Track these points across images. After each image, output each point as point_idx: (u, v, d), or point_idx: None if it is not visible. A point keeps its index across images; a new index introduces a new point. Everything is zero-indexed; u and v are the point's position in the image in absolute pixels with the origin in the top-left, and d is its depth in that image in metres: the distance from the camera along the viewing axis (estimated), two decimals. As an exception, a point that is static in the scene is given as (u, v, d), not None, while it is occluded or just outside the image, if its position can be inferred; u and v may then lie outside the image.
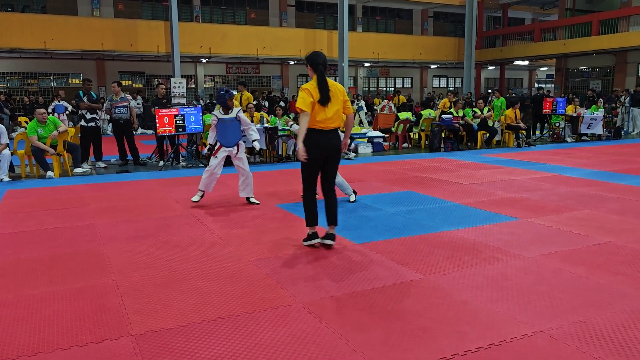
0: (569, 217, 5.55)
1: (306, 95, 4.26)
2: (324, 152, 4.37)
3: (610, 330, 2.95)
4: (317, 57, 4.39)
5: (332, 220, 4.57)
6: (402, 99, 20.31)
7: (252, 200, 6.53)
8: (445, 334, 2.91)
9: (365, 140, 12.67)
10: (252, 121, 10.77)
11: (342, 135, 4.76)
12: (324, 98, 4.28)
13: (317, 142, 4.33)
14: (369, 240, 4.77)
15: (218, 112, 6.48)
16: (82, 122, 9.79)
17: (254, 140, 6.62)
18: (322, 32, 24.64)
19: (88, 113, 9.73)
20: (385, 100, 17.54)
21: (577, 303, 3.32)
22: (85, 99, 9.71)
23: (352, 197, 6.51)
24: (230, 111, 6.43)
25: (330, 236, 4.56)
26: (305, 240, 4.64)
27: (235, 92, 11.37)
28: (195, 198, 6.45)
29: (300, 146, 4.26)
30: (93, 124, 9.82)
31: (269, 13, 25.34)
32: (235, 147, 6.45)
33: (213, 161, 6.43)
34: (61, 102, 15.99)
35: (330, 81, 4.41)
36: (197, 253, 4.46)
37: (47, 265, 4.19)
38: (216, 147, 6.44)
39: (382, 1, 26.55)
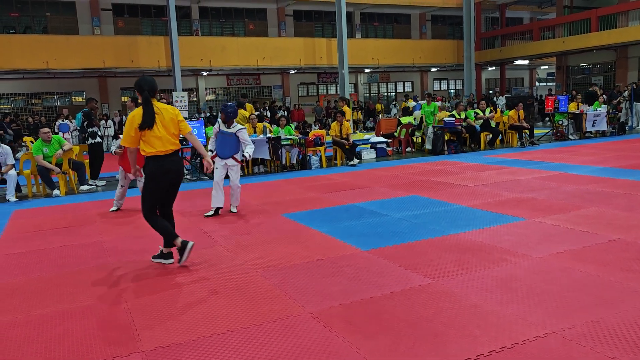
0: (577, 215, 5.52)
1: (129, 128, 4.29)
2: (167, 176, 4.38)
3: (624, 328, 2.92)
4: (143, 83, 4.34)
5: (173, 239, 4.51)
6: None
7: (233, 209, 6.74)
8: (456, 339, 2.89)
9: (369, 146, 12.68)
10: (255, 132, 10.81)
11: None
12: (149, 123, 4.24)
13: (160, 167, 4.32)
14: (375, 246, 4.76)
15: (221, 123, 6.60)
16: (96, 140, 9.91)
17: (246, 152, 6.75)
18: (321, 40, 24.73)
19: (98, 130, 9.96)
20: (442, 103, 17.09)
21: (589, 302, 3.29)
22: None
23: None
24: (232, 126, 6.57)
25: (185, 243, 4.45)
26: (156, 257, 4.64)
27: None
28: (209, 213, 6.60)
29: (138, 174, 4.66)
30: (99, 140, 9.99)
31: (267, 24, 25.47)
32: (231, 159, 6.64)
33: (215, 174, 6.54)
34: (64, 121, 16.11)
35: (160, 105, 4.40)
36: (204, 266, 4.46)
37: (56, 284, 4.20)
38: (211, 155, 6.62)
39: (380, 7, 26.63)
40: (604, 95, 16.42)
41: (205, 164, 4.72)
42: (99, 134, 10.08)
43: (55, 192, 8.72)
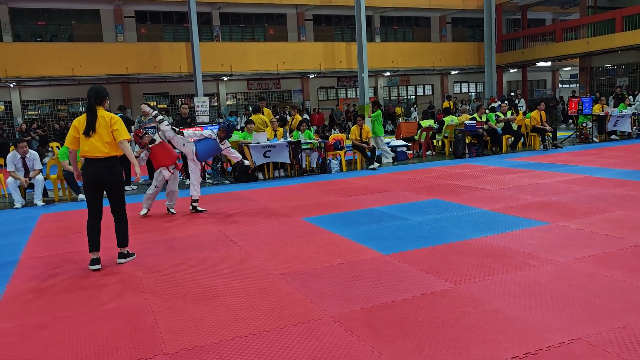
0: (602, 219, 5.42)
1: (71, 131, 4.72)
2: (92, 179, 4.71)
3: (651, 334, 2.86)
4: (89, 92, 4.75)
5: (119, 243, 4.94)
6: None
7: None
8: (478, 344, 2.87)
9: (389, 149, 12.65)
10: (275, 135, 10.88)
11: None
12: (87, 129, 4.63)
13: (86, 170, 4.71)
14: (396, 250, 4.75)
15: (212, 132, 7.38)
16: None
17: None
18: (340, 45, 24.79)
19: None
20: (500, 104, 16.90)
21: (615, 308, 3.23)
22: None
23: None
24: (223, 142, 7.33)
25: (120, 255, 4.91)
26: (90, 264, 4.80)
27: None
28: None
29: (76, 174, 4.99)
30: None
31: (287, 29, 25.63)
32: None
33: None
34: None
35: (101, 112, 4.72)
36: (226, 269, 4.51)
37: (82, 286, 4.29)
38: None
39: (399, 10, 26.58)
40: (630, 97, 16.10)
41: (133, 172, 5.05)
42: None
43: (81, 196, 8.90)
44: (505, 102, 13.88)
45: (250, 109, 12.33)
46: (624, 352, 2.69)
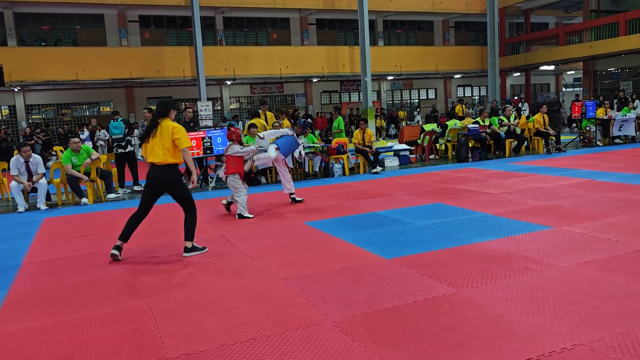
0: (605, 224, 5.39)
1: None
2: (151, 181, 5.12)
3: (655, 340, 2.84)
4: (157, 105, 5.26)
5: (185, 237, 5.22)
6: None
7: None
8: (480, 349, 2.85)
9: (392, 153, 12.64)
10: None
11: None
12: (143, 137, 5.10)
13: (148, 172, 5.13)
14: (399, 255, 4.74)
15: (291, 131, 7.81)
16: (128, 148, 10.24)
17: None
18: (343, 48, 24.82)
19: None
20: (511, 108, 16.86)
21: (618, 313, 3.21)
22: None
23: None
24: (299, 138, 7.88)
25: (185, 249, 5.17)
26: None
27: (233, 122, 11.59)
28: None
29: None
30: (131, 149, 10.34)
31: (290, 33, 25.69)
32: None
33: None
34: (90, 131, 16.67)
35: (165, 123, 5.06)
36: (227, 274, 4.50)
37: (84, 290, 4.29)
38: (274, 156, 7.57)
39: (402, 14, 26.61)
40: (637, 101, 16.06)
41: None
42: (132, 142, 10.39)
43: (84, 200, 8.93)
44: (508, 106, 13.82)
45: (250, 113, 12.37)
46: (627, 358, 2.67)
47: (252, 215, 7.00)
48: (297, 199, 7.86)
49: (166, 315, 3.62)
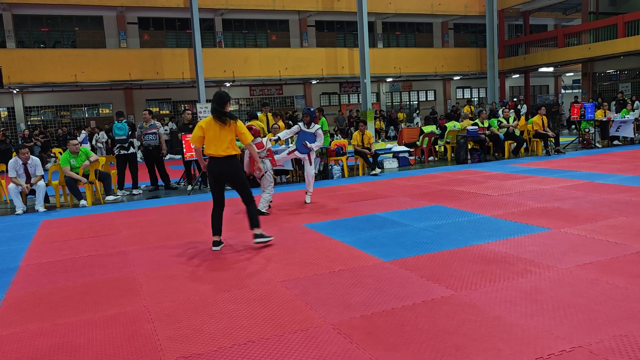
0: (604, 226, 5.39)
1: (197, 131, 5.23)
2: (217, 175, 5.28)
3: (654, 343, 2.83)
4: (213, 96, 5.29)
5: (251, 226, 5.39)
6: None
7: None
8: (479, 352, 2.84)
9: (391, 155, 12.64)
10: (277, 142, 10.86)
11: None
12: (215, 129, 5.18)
13: (211, 167, 5.29)
14: (397, 257, 4.73)
15: (302, 124, 7.78)
16: (131, 150, 10.23)
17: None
18: (342, 50, 24.84)
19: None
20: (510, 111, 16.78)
21: (617, 315, 3.20)
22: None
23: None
24: (311, 127, 7.71)
25: (255, 235, 5.38)
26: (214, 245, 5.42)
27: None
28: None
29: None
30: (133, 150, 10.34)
31: (289, 34, 25.71)
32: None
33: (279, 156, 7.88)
34: (88, 133, 16.72)
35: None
36: (226, 276, 4.49)
37: (81, 293, 4.28)
38: (289, 151, 7.96)
39: (402, 16, 26.64)
40: (636, 102, 16.08)
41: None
42: (136, 144, 10.40)
43: (82, 202, 8.92)
44: (506, 108, 13.82)
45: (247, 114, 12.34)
46: (626, 361, 2.66)
47: (268, 213, 7.23)
48: (307, 200, 7.94)
49: (164, 318, 3.61)
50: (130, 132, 10.30)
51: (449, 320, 3.28)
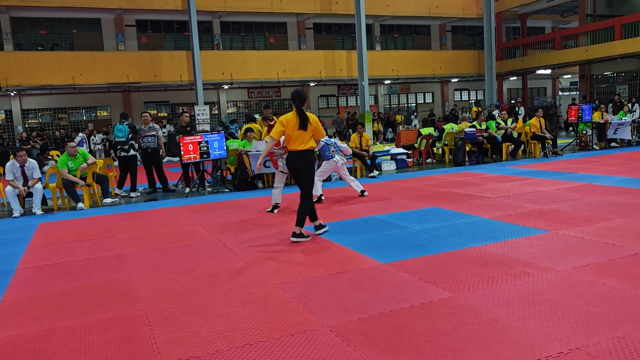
0: (602, 227, 5.40)
1: (278, 125, 5.57)
2: (294, 167, 5.67)
3: (651, 345, 2.83)
4: (292, 94, 5.61)
5: (296, 222, 5.64)
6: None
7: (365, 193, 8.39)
8: (477, 354, 2.84)
9: (389, 157, 12.64)
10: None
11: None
12: (302, 126, 5.49)
13: (290, 160, 5.69)
14: (395, 259, 4.72)
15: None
16: (134, 152, 10.22)
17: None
18: (340, 53, 24.87)
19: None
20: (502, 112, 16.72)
21: (615, 317, 3.20)
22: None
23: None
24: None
25: (293, 234, 5.64)
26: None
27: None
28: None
29: (260, 161, 6.05)
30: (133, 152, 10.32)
31: (287, 37, 25.73)
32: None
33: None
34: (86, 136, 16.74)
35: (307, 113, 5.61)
36: (223, 279, 4.48)
37: (78, 296, 4.26)
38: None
39: (399, 19, 26.69)
40: (629, 105, 16.11)
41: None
42: (136, 146, 10.37)
43: (80, 205, 8.90)
44: (498, 110, 13.87)
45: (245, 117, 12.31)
46: (624, 363, 2.66)
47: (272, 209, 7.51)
48: (365, 193, 8.43)
49: (161, 321, 3.60)
50: (130, 135, 10.29)
51: (447, 322, 3.28)
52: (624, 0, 26.05)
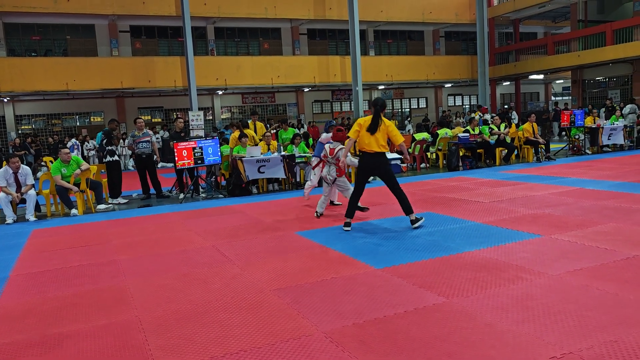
0: (594, 232, 5.43)
1: (355, 126, 6.13)
2: (368, 167, 6.22)
3: (643, 348, 2.85)
4: (375, 101, 6.22)
5: (405, 212, 6.19)
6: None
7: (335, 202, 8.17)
8: (471, 359, 2.85)
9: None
10: (269, 149, 10.87)
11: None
12: (371, 128, 6.02)
13: (364, 160, 6.19)
14: (389, 264, 4.73)
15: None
16: (114, 158, 10.10)
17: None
18: (334, 58, 24.94)
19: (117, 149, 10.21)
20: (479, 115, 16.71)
21: (607, 321, 3.23)
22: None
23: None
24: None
25: (411, 222, 6.18)
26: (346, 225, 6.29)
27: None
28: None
29: (343, 159, 6.47)
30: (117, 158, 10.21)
31: (281, 42, 25.79)
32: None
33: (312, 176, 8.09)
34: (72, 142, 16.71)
35: (383, 118, 6.11)
36: (218, 285, 4.48)
37: (72, 303, 4.24)
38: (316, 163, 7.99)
39: (393, 24, 26.82)
40: (621, 110, 16.25)
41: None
42: (117, 152, 10.30)
43: (73, 211, 8.86)
44: (489, 115, 13.94)
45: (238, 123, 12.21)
46: (616, 367, 2.67)
47: (368, 208, 7.38)
48: (336, 202, 8.21)
49: (155, 328, 3.59)
50: (104, 141, 10.15)
51: (441, 327, 3.29)
52: (615, 6, 26.32)
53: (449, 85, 29.68)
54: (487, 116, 16.59)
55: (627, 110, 17.23)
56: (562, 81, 33.06)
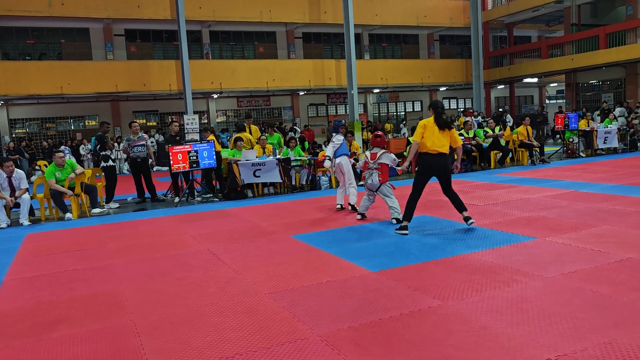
0: (588, 234, 5.46)
1: (419, 128, 6.24)
2: (432, 167, 6.26)
3: (638, 350, 2.87)
4: (434, 103, 6.36)
5: (459, 210, 6.22)
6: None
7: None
8: (466, 362, 2.85)
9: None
10: (264, 152, 10.88)
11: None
12: (441, 128, 6.13)
13: (427, 160, 6.26)
14: (385, 267, 4.74)
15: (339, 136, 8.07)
16: (108, 163, 10.06)
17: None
18: (330, 62, 24.98)
19: (112, 153, 10.16)
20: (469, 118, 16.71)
21: (601, 323, 3.24)
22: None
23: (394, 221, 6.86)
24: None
25: (465, 218, 6.15)
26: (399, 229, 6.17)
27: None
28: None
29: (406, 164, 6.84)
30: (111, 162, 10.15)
31: (277, 46, 25.81)
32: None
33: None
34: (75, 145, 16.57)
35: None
36: (213, 289, 4.47)
37: (67, 307, 4.23)
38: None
39: (388, 28, 26.90)
40: (614, 113, 16.35)
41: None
42: (112, 157, 10.26)
43: (68, 215, 8.83)
44: (482, 117, 13.99)
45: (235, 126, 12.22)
46: (610, 368, 2.69)
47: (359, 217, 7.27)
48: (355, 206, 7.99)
49: (151, 332, 3.58)
50: (98, 147, 10.15)
51: (436, 330, 3.30)
52: (608, 10, 26.51)
53: (444, 88, 29.77)
54: (474, 119, 16.51)
55: (617, 113, 17.37)
56: (556, 84, 33.24)
